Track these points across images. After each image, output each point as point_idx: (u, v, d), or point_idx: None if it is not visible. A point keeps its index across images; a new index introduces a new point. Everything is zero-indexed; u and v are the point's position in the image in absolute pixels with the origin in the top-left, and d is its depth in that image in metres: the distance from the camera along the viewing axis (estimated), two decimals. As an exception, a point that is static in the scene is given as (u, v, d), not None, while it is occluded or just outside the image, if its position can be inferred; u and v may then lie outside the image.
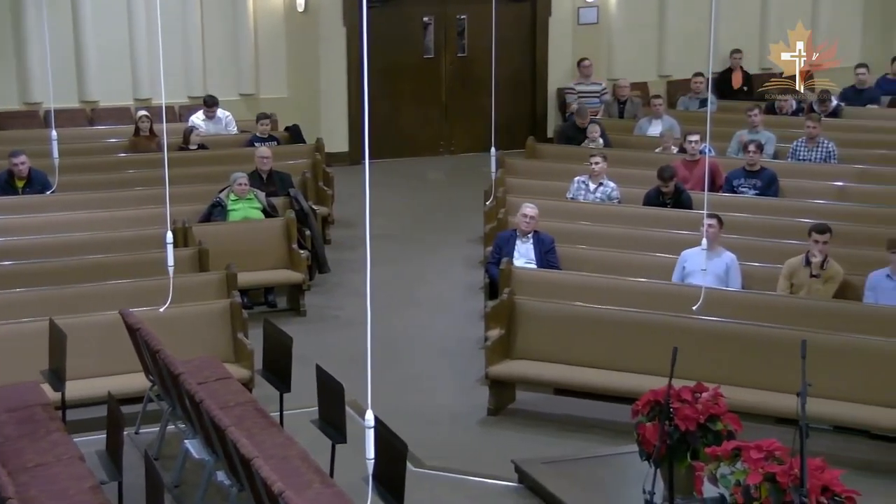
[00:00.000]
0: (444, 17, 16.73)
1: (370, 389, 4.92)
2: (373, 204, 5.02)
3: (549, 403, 8.48)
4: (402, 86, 16.41)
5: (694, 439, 5.78)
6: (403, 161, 16.18)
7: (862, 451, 7.51)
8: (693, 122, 13.28)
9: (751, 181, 11.32)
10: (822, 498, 4.95)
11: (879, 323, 8.01)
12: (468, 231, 12.70)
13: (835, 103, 14.35)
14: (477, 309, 10.23)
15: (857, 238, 9.55)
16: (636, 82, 16.25)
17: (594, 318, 8.37)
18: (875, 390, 7.44)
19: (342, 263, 11.71)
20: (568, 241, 9.94)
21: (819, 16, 17.87)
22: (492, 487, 7.24)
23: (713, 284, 8.59)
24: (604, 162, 11.24)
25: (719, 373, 7.31)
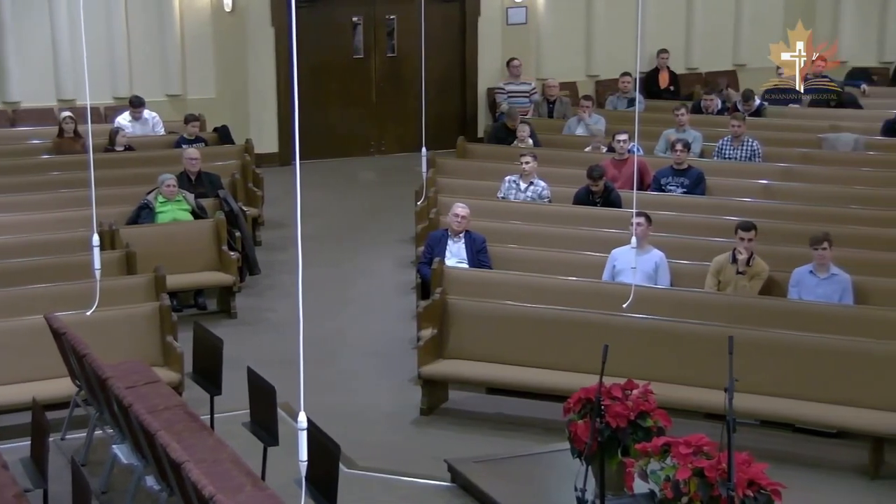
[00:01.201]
0: (373, 18, 16.70)
1: (302, 391, 4.88)
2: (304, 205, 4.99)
3: (481, 402, 8.50)
4: (331, 86, 16.35)
5: (624, 436, 5.83)
6: (334, 162, 16.12)
7: (786, 444, 7.64)
8: (621, 121, 13.42)
9: (678, 180, 11.46)
10: (748, 491, 5.03)
11: (803, 318, 8.15)
12: (400, 231, 12.70)
13: (758, 102, 14.60)
14: (409, 309, 10.23)
15: (781, 235, 9.72)
16: (565, 82, 16.38)
17: (526, 317, 8.41)
18: (799, 385, 7.58)
19: (273, 265, 11.63)
20: (499, 241, 9.98)
21: (742, 16, 18.17)
22: (424, 487, 7.24)
23: (643, 282, 8.68)
24: (534, 161, 11.31)
25: (649, 370, 7.40)
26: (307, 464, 4.93)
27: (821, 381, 7.54)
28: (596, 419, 5.71)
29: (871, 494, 7.13)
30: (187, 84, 15.81)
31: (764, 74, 16.58)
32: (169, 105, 15.49)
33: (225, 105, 15.64)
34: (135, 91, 14.83)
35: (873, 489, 7.19)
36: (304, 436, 4.87)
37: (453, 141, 14.05)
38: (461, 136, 14.48)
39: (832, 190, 11.38)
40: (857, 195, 11.15)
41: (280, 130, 15.93)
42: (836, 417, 7.46)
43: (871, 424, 7.30)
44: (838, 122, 13.79)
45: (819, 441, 7.70)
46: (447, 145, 14.33)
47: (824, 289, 8.56)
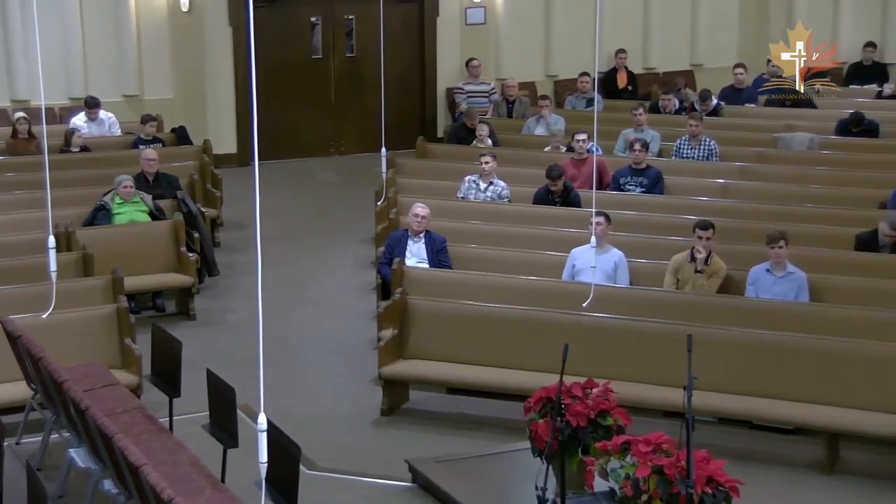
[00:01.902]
0: (332, 18, 16.65)
1: (262, 392, 4.86)
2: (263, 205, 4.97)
3: (442, 402, 8.50)
4: (290, 86, 16.27)
5: (585, 435, 5.86)
6: (293, 162, 16.06)
7: (744, 441, 7.71)
8: (580, 121, 13.48)
9: (637, 179, 11.53)
10: (707, 488, 5.07)
11: (760, 316, 8.24)
12: (360, 231, 12.67)
13: (715, 102, 14.72)
14: (369, 309, 10.21)
15: (738, 234, 9.81)
16: (524, 82, 16.43)
17: (486, 316, 8.42)
18: (756, 382, 7.65)
19: (232, 266, 11.57)
20: (459, 241, 9.98)
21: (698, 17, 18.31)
22: (385, 488, 7.23)
23: (602, 281, 8.73)
24: (493, 161, 11.32)
25: (609, 368, 7.44)
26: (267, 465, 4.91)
27: (777, 378, 7.62)
28: (556, 418, 5.74)
29: (827, 489, 7.22)
30: (144, 84, 15.68)
31: (721, 74, 16.74)
32: (125, 105, 15.35)
33: (182, 105, 15.53)
34: (90, 91, 14.68)
35: (829, 484, 7.27)
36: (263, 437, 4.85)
37: (413, 141, 14.05)
38: (421, 136, 14.49)
39: (788, 189, 11.50)
40: (812, 194, 11.27)
41: (238, 131, 15.84)
42: (793, 414, 7.54)
43: (826, 420, 7.39)
44: (793, 121, 13.94)
45: (776, 437, 7.78)
46: (407, 145, 14.33)
47: (781, 287, 8.65)
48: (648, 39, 18.08)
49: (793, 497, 7.12)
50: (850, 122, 13.43)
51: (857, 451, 7.55)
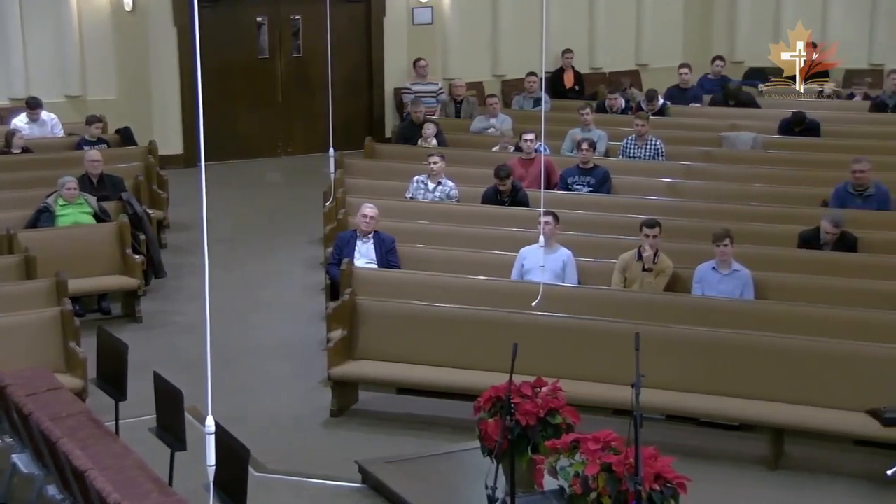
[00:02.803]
0: (278, 18, 16.57)
1: (210, 394, 4.82)
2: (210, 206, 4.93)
3: (392, 403, 8.49)
4: (236, 87, 16.18)
5: (534, 433, 5.88)
6: (240, 163, 15.97)
7: (691, 437, 7.79)
8: (528, 120, 13.53)
9: (585, 178, 11.59)
10: (655, 485, 5.11)
11: (706, 314, 8.31)
12: (308, 232, 12.62)
13: (661, 102, 14.85)
14: (318, 310, 10.17)
15: (685, 232, 9.90)
16: (471, 82, 16.45)
17: (435, 316, 8.42)
18: (703, 379, 7.73)
19: (179, 267, 11.47)
20: (408, 241, 9.98)
21: (643, 17, 18.46)
22: (335, 489, 7.21)
23: (551, 281, 8.76)
24: (442, 161, 11.33)
25: (558, 367, 7.46)
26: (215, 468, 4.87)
27: (724, 375, 7.70)
28: (506, 417, 5.75)
29: (772, 485, 7.31)
30: (87, 84, 15.49)
31: (665, 74, 16.89)
32: (68, 106, 15.15)
33: (127, 106, 15.36)
34: (32, 92, 14.47)
35: (773, 479, 7.37)
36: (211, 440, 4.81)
37: (361, 141, 14.01)
38: (369, 136, 14.45)
39: (733, 188, 11.62)
40: (756, 192, 11.41)
41: (184, 132, 15.71)
42: (738, 410, 7.63)
43: (771, 416, 7.49)
44: (737, 121, 14.09)
45: (722, 434, 7.87)
46: (355, 146, 14.29)
47: (726, 285, 8.73)
48: (594, 40, 18.20)
49: (738, 492, 7.20)
50: (792, 121, 13.61)
51: (802, 447, 7.65)
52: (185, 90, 15.61)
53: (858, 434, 7.37)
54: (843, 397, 7.40)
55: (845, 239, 9.45)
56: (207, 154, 4.88)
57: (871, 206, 10.46)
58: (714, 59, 16.61)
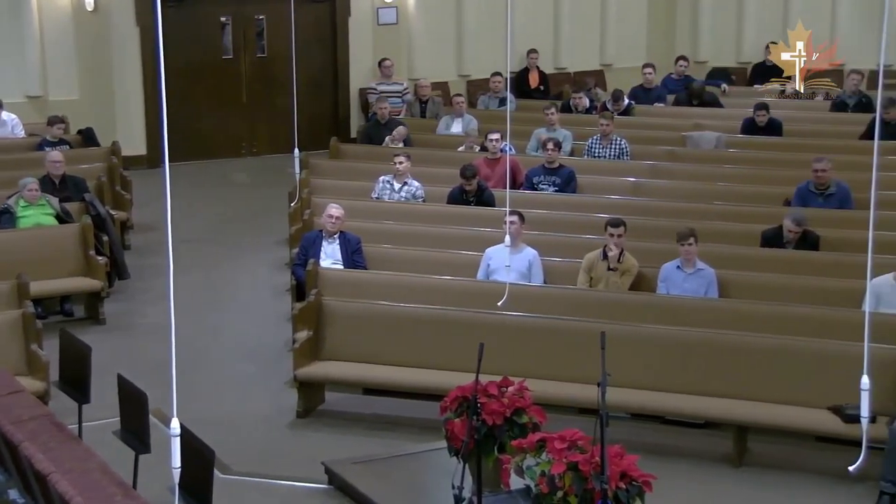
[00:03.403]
0: (242, 18, 16.50)
1: (175, 396, 4.79)
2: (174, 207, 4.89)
3: (358, 404, 8.48)
4: (200, 87, 16.09)
5: (501, 433, 5.89)
6: (205, 163, 15.88)
7: (657, 436, 7.83)
8: (493, 120, 13.55)
9: (550, 178, 11.63)
10: (620, 483, 5.12)
11: (671, 313, 8.37)
12: (273, 233, 12.57)
13: (626, 102, 14.92)
14: (284, 311, 10.13)
15: (649, 231, 9.95)
16: (437, 82, 16.46)
17: (401, 316, 8.42)
18: (668, 377, 7.78)
19: (143, 269, 11.39)
20: (374, 241, 9.96)
21: (608, 18, 18.54)
22: (302, 490, 7.19)
23: (517, 280, 8.77)
24: (408, 161, 11.33)
25: (524, 366, 7.47)
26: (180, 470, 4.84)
27: (688, 374, 7.75)
28: (472, 417, 5.75)
29: (736, 482, 7.36)
30: (48, 85, 15.34)
31: (629, 74, 16.98)
32: (29, 106, 15.00)
33: (89, 106, 15.23)
34: (-9, 92, 14.33)
35: (738, 476, 7.42)
36: (176, 442, 4.78)
37: (326, 142, 13.98)
38: (334, 136, 14.42)
39: (696, 187, 11.70)
40: (719, 191, 11.48)
41: (148, 132, 15.61)
42: (703, 408, 7.68)
43: (735, 414, 7.54)
44: (701, 120, 14.19)
45: (687, 432, 7.91)
46: (320, 146, 14.25)
47: (691, 283, 8.79)
48: (559, 40, 18.27)
49: (703, 490, 7.25)
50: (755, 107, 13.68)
51: (766, 444, 7.72)
52: (148, 90, 15.50)
53: (820, 431, 7.44)
54: (805, 395, 7.47)
55: (807, 237, 9.54)
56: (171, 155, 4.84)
57: (832, 204, 10.57)
58: (677, 60, 16.72)
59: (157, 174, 14.47)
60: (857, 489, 7.01)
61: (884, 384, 6.87)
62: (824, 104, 15.15)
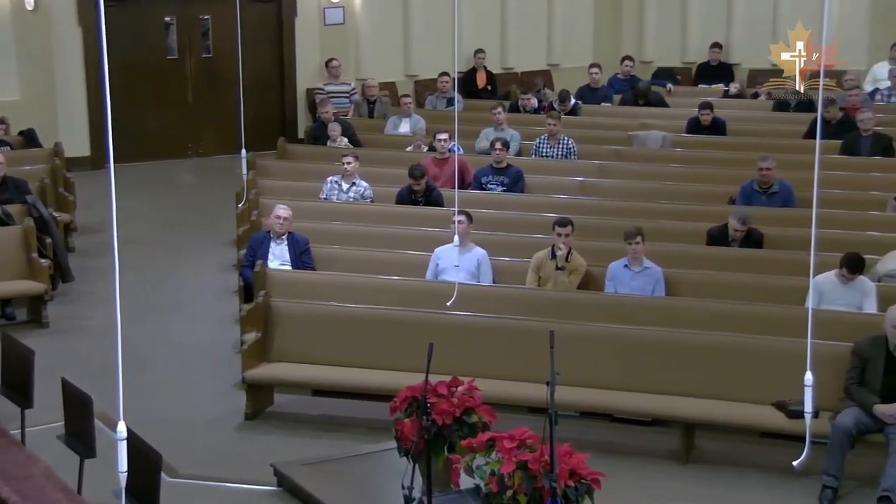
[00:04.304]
0: (187, 18, 16.36)
1: (121, 399, 4.73)
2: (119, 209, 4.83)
3: (307, 405, 8.45)
4: (145, 87, 15.94)
5: (450, 433, 5.89)
6: (150, 164, 15.73)
7: (605, 434, 7.89)
8: (441, 120, 13.56)
9: (498, 178, 11.66)
10: (569, 481, 5.15)
11: (619, 311, 8.43)
12: (221, 234, 12.47)
13: (573, 102, 15.00)
14: (232, 312, 10.06)
15: (597, 231, 10.01)
16: (384, 82, 16.43)
17: (350, 317, 8.40)
18: (616, 376, 7.83)
19: (88, 271, 11.25)
20: (322, 242, 9.93)
21: (554, 18, 18.63)
22: (250, 493, 7.14)
23: (465, 280, 8.79)
24: (356, 161, 11.30)
25: (474, 366, 7.49)
26: (127, 474, 4.79)
27: (636, 372, 7.81)
28: (422, 417, 5.75)
29: (683, 478, 7.43)
30: (-12, 86, 15.12)
31: (576, 74, 17.07)
32: (-32, 108, 14.77)
33: (31, 107, 15.00)
34: (-70, 93, 14.09)
35: (684, 473, 7.50)
36: (123, 446, 4.72)
37: (274, 142, 13.90)
38: (281, 137, 14.35)
39: (643, 186, 11.79)
40: (665, 190, 11.58)
41: (91, 133, 15.43)
42: (650, 406, 7.74)
43: (681, 411, 7.61)
44: (647, 120, 14.30)
45: (636, 429, 7.97)
46: (267, 146, 14.16)
47: (638, 282, 8.86)
48: (506, 40, 18.32)
49: (651, 486, 7.31)
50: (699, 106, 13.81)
51: (712, 440, 7.80)
52: (91, 91, 15.32)
53: (765, 427, 7.53)
54: (750, 391, 7.56)
55: (752, 236, 9.66)
56: (116, 156, 4.78)
57: (775, 203, 10.71)
58: (623, 59, 16.85)
59: (101, 175, 14.30)
60: (801, 483, 7.11)
61: (826, 380, 6.96)
62: (767, 104, 15.35)
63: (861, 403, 7.05)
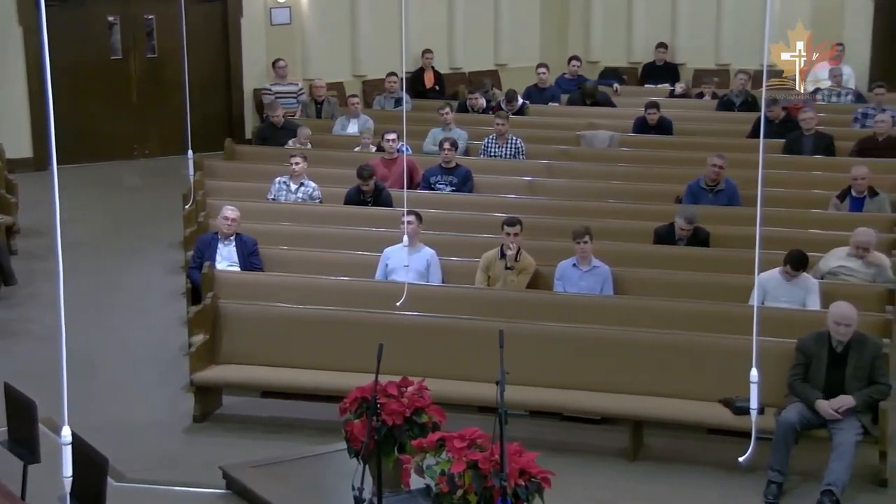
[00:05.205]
0: (131, 17, 16.18)
1: (66, 403, 4.67)
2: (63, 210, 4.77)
3: (256, 407, 8.40)
4: (88, 88, 15.74)
5: (401, 433, 5.88)
6: (95, 166, 15.55)
7: (555, 432, 7.93)
8: (389, 120, 13.54)
9: (447, 178, 11.67)
10: (520, 480, 5.16)
11: (568, 310, 8.47)
12: (168, 236, 12.35)
13: (520, 102, 15.05)
14: (179, 315, 9.97)
15: (546, 230, 10.05)
16: (332, 82, 16.38)
17: (299, 318, 8.36)
18: (566, 374, 7.87)
19: (32, 274, 11.09)
20: (271, 243, 9.87)
21: (501, 19, 18.68)
22: (199, 496, 7.08)
23: (415, 280, 8.79)
24: (304, 162, 11.25)
25: (424, 366, 7.48)
26: (72, 479, 4.73)
27: (585, 370, 7.85)
28: (372, 418, 5.74)
29: (631, 475, 7.49)
30: (-75, 87, 14.87)
31: (524, 74, 17.13)
32: None
33: (-30, 109, 14.79)
34: None
35: (634, 470, 7.56)
36: (67, 450, 4.66)
37: (221, 142, 13.80)
38: (228, 137, 14.25)
39: (591, 185, 11.86)
40: (613, 190, 11.65)
41: (34, 134, 15.21)
42: (599, 404, 7.79)
43: (630, 409, 7.67)
44: (594, 119, 14.39)
45: (585, 427, 8.02)
46: (214, 147, 14.06)
47: (587, 281, 8.91)
48: (453, 40, 18.34)
49: (600, 484, 7.35)
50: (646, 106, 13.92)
51: (660, 438, 7.87)
52: (33, 92, 15.11)
53: (712, 423, 7.61)
54: (698, 388, 7.63)
55: (698, 234, 9.75)
56: (59, 157, 4.72)
57: (721, 201, 10.82)
58: (570, 59, 16.94)
59: (44, 177, 14.10)
60: (747, 479, 7.20)
61: (772, 376, 7.06)
62: (711, 103, 15.52)
63: (804, 399, 7.15)
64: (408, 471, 5.70)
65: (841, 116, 14.29)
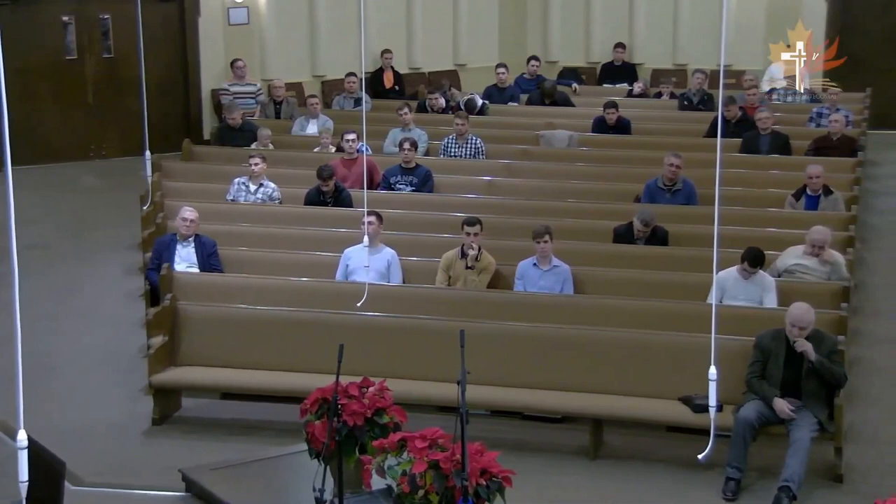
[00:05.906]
0: (86, 17, 16.00)
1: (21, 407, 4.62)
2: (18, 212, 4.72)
3: (216, 409, 8.35)
4: (43, 89, 15.56)
5: (362, 433, 5.87)
6: (50, 167, 15.37)
7: (516, 431, 7.94)
8: (349, 121, 13.51)
9: (407, 178, 11.66)
10: (481, 480, 5.17)
11: (529, 309, 8.49)
12: (125, 237, 12.24)
13: (480, 103, 15.08)
14: (138, 317, 9.89)
15: (506, 230, 10.08)
16: (291, 82, 16.30)
17: (259, 319, 8.32)
18: (526, 373, 7.89)
19: (-15, 277, 10.93)
20: (230, 244, 9.82)
21: (460, 18, 18.70)
22: (158, 499, 7.03)
23: (376, 280, 8.78)
24: (263, 163, 11.20)
25: (385, 366, 7.49)
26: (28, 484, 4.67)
27: (546, 369, 7.88)
28: (333, 418, 5.73)
29: (592, 474, 7.52)
30: None
31: (483, 74, 17.17)
32: None
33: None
34: None
35: (594, 469, 7.59)
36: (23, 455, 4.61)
37: (178, 143, 13.70)
38: (186, 138, 14.15)
39: (550, 185, 11.91)
40: (572, 189, 11.70)
41: (-13, 136, 15.00)
42: (560, 403, 7.81)
43: (590, 408, 7.70)
44: (553, 119, 14.45)
45: (546, 427, 8.04)
46: (172, 148, 13.96)
47: (547, 280, 8.94)
48: (412, 40, 18.33)
49: (561, 482, 7.38)
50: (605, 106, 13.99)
51: (620, 436, 7.91)
52: (-16, 93, 14.90)
53: (672, 421, 7.66)
54: (657, 386, 7.68)
55: (657, 233, 9.82)
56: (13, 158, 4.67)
57: (679, 200, 10.90)
58: (529, 59, 16.98)
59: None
60: (707, 476, 7.25)
61: (730, 374, 7.14)
62: (670, 103, 15.63)
63: (762, 397, 7.22)
64: (369, 471, 5.68)
65: (796, 116, 14.45)
